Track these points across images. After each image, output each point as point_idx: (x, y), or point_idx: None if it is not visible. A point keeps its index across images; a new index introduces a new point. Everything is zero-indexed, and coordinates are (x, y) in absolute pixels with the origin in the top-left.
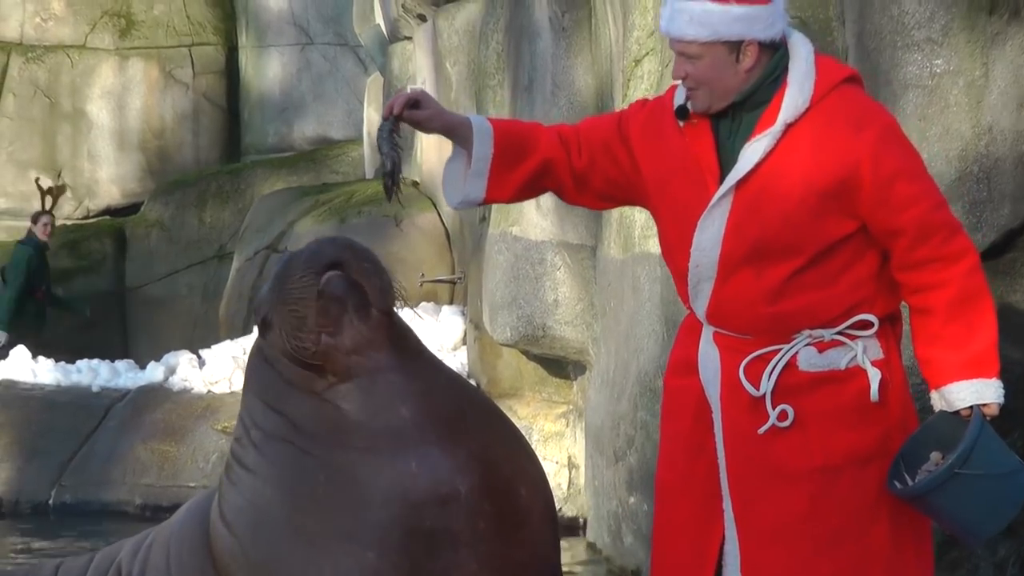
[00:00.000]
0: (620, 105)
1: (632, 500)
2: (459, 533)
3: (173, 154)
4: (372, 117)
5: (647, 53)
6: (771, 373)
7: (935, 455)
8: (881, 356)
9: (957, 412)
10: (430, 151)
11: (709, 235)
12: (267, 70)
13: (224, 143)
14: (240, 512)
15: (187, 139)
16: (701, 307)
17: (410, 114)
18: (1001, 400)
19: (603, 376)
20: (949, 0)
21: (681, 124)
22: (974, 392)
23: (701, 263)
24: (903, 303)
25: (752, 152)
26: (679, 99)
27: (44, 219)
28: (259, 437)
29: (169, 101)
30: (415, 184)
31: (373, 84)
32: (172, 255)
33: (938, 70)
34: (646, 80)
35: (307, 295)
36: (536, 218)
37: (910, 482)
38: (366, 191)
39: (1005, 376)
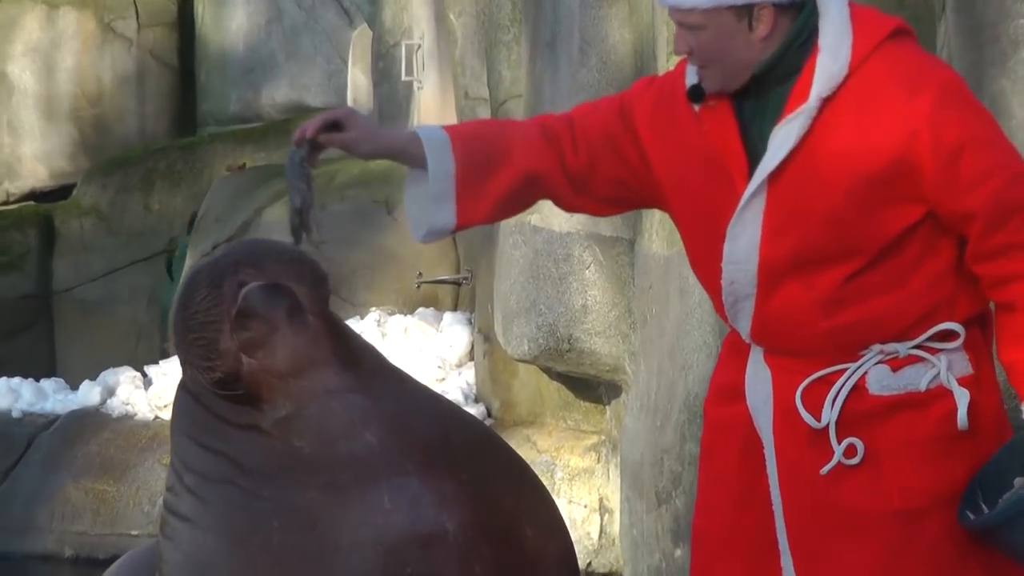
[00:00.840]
0: (664, 66)
1: (679, 553)
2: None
3: (113, 125)
4: (358, 80)
5: None
6: (835, 399)
7: (1019, 480)
8: (970, 372)
9: None
10: (429, 121)
11: (742, 244)
12: (229, 22)
13: (176, 111)
14: (178, 568)
15: (130, 106)
16: (744, 327)
17: (329, 138)
18: None
19: (643, 399)
20: None
21: (696, 108)
22: None
23: (736, 279)
24: None
25: (783, 137)
26: (691, 77)
27: None
28: (194, 481)
29: (108, 60)
30: None
31: (359, 39)
32: (111, 250)
33: None
34: None
35: (212, 317)
36: None
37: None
38: (351, 171)
39: None
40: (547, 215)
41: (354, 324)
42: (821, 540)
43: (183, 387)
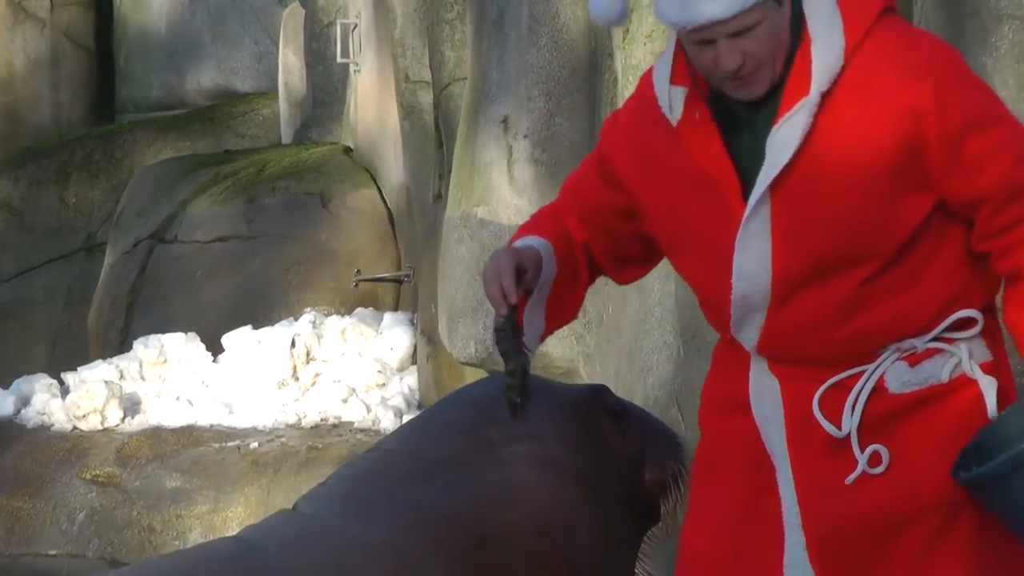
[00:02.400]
0: (619, 43)
1: (638, 570)
2: None
3: (24, 113)
4: (290, 62)
5: None
6: (855, 404)
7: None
8: (990, 358)
9: None
10: (366, 106)
11: (752, 257)
12: (150, 0)
13: (93, 98)
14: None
15: (43, 93)
16: (749, 339)
17: (526, 289)
18: None
19: None
20: None
21: (674, 123)
22: None
23: (747, 292)
24: None
25: (783, 138)
26: (671, 97)
27: None
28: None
29: (19, 42)
30: (348, 151)
31: (291, 19)
32: (24, 247)
33: None
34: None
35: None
36: (509, 195)
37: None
38: (282, 160)
39: None
40: (495, 207)
41: (287, 326)
42: (849, 550)
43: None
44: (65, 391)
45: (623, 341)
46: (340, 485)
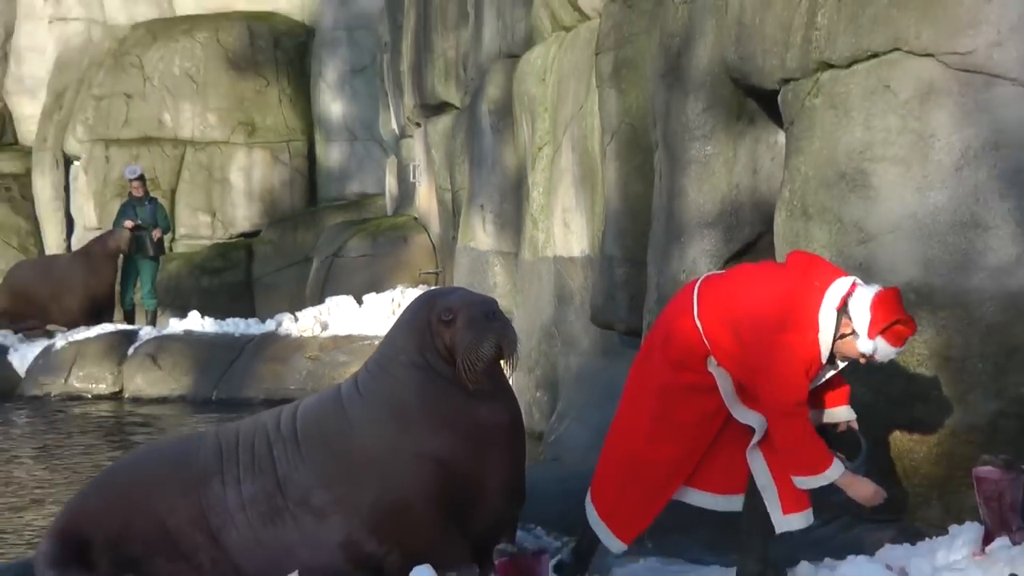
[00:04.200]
0: (531, 175)
1: (539, 395)
2: (499, 441)
3: (276, 204)
4: (391, 181)
5: (545, 143)
6: None
7: None
8: None
9: None
10: (423, 200)
11: None
12: (331, 154)
13: (307, 196)
14: (383, 397)
15: (285, 195)
16: None
17: None
18: None
19: (521, 324)
20: (714, 111)
21: None
22: None
23: None
24: None
25: None
26: None
27: None
28: (406, 362)
29: (277, 175)
30: (415, 219)
31: (391, 163)
32: (276, 259)
33: (709, 152)
34: (545, 159)
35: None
36: (483, 236)
37: None
38: (386, 223)
39: None
40: (478, 242)
41: (390, 291)
42: None
43: (428, 326)
44: (295, 320)
45: (531, 301)
46: (343, 392)
